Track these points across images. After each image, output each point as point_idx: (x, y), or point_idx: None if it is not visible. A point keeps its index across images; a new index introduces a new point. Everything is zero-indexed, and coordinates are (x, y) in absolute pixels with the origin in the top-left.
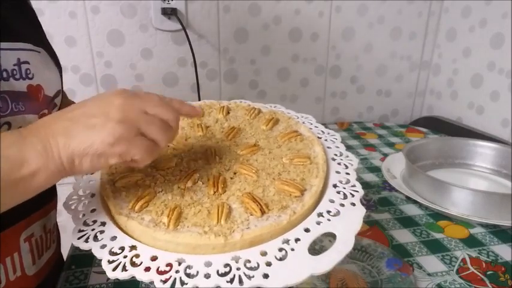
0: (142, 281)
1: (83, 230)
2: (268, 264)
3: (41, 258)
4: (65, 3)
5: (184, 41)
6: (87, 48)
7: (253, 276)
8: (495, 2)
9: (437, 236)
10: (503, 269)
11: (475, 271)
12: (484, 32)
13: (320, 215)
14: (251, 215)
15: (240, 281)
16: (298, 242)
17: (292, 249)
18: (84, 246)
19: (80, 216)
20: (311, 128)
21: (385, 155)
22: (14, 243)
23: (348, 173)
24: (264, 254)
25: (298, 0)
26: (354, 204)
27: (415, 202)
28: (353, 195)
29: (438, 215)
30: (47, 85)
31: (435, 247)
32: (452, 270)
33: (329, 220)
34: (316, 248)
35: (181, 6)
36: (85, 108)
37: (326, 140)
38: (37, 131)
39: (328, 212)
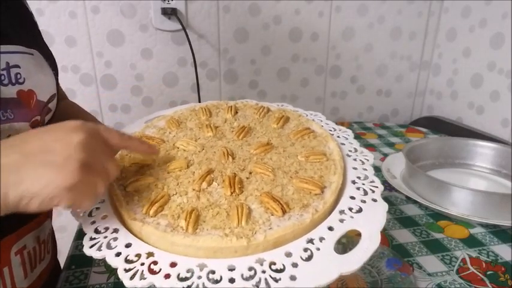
0: None
1: (94, 238)
2: (295, 265)
3: (33, 270)
4: (65, 3)
5: (184, 41)
6: (87, 48)
7: (280, 279)
8: (495, 2)
9: (437, 236)
10: (503, 269)
11: (475, 271)
12: (484, 32)
13: (342, 212)
14: (272, 215)
15: (267, 284)
16: (323, 241)
17: (318, 249)
18: (97, 255)
19: (91, 223)
20: (322, 125)
21: (385, 155)
22: (4, 257)
23: (365, 169)
24: (289, 255)
25: (298, 0)
26: (375, 200)
27: (415, 202)
28: (373, 191)
29: (438, 215)
30: (40, 90)
31: (435, 247)
32: (452, 270)
33: (352, 217)
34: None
35: (181, 6)
36: (42, 141)
37: (339, 136)
38: None
39: (350, 209)
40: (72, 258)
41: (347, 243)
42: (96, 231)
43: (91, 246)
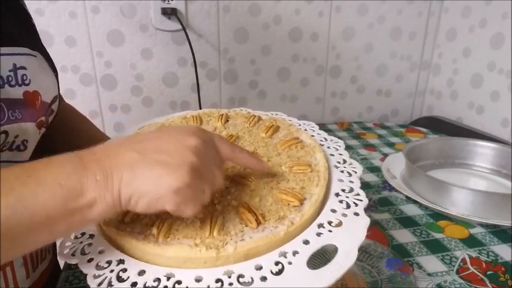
0: None
1: (69, 244)
2: (263, 279)
3: (35, 270)
4: (65, 3)
5: (184, 41)
6: (87, 48)
7: None
8: (495, 2)
9: (437, 236)
10: (503, 269)
11: (475, 271)
12: (484, 32)
13: (321, 225)
14: (246, 226)
15: None
16: (297, 255)
17: (290, 263)
18: (71, 260)
19: None
20: (313, 135)
21: (385, 155)
22: None
23: (351, 181)
24: (258, 268)
25: (298, 0)
26: (357, 214)
27: (415, 202)
28: (356, 205)
29: (438, 215)
30: (44, 91)
31: (435, 247)
32: (452, 270)
33: (330, 231)
34: (317, 261)
35: (181, 6)
36: (158, 141)
37: (329, 147)
38: (101, 159)
39: (330, 222)
40: None
41: (329, 255)
42: (74, 236)
43: (66, 252)
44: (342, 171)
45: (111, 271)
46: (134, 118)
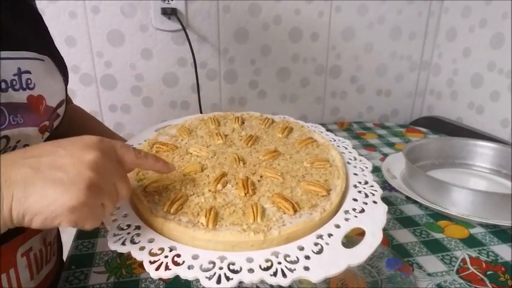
0: (141, 281)
1: (118, 234)
2: (307, 257)
3: (39, 272)
4: (65, 3)
5: (184, 41)
6: (87, 48)
7: (294, 269)
8: (495, 2)
9: (437, 236)
10: (503, 269)
11: (475, 271)
12: (484, 32)
13: (347, 212)
14: (284, 213)
15: (284, 274)
16: (331, 236)
17: (327, 244)
18: (121, 249)
19: (112, 221)
20: (322, 136)
21: (385, 155)
22: (10, 258)
23: (364, 175)
24: (301, 248)
25: (298, 0)
26: (375, 202)
27: (415, 202)
28: (373, 194)
29: (438, 215)
30: (49, 95)
31: (435, 247)
32: (452, 270)
33: (356, 217)
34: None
35: (181, 6)
36: (53, 156)
37: (338, 146)
38: None
39: (354, 209)
40: (72, 258)
41: (347, 242)
42: (119, 228)
43: (115, 242)
44: (355, 167)
45: (166, 257)
46: (134, 118)
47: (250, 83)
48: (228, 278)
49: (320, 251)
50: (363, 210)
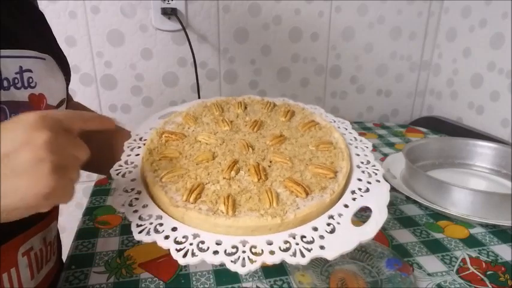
0: (141, 281)
1: (141, 225)
2: (322, 237)
3: (40, 272)
4: (65, 3)
5: (184, 41)
6: (87, 48)
7: (311, 249)
8: (495, 2)
9: (437, 236)
10: (503, 269)
11: (475, 271)
12: (484, 32)
13: (353, 192)
14: (297, 196)
15: (302, 254)
16: (342, 216)
17: (338, 223)
18: (147, 239)
19: (133, 212)
20: (323, 118)
21: (385, 155)
22: (11, 258)
23: (366, 155)
24: (315, 229)
25: (298, 0)
26: (378, 181)
27: (415, 202)
28: (376, 173)
29: (438, 215)
30: (50, 94)
31: (435, 247)
32: (452, 270)
33: (362, 196)
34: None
35: (181, 6)
36: (4, 148)
37: (339, 127)
38: None
39: (359, 189)
40: (72, 258)
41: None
42: (141, 218)
43: (140, 232)
44: (356, 147)
45: (191, 244)
46: (134, 118)
47: (250, 83)
48: (251, 261)
49: (333, 231)
50: (367, 190)
